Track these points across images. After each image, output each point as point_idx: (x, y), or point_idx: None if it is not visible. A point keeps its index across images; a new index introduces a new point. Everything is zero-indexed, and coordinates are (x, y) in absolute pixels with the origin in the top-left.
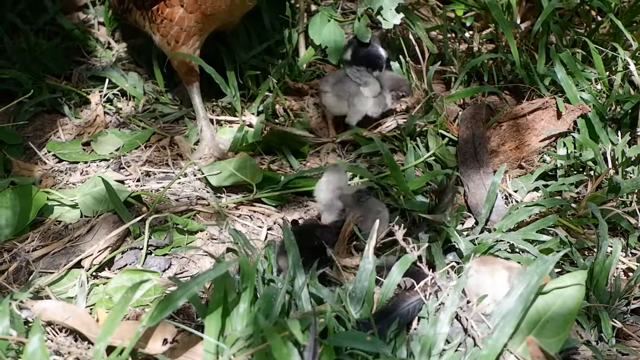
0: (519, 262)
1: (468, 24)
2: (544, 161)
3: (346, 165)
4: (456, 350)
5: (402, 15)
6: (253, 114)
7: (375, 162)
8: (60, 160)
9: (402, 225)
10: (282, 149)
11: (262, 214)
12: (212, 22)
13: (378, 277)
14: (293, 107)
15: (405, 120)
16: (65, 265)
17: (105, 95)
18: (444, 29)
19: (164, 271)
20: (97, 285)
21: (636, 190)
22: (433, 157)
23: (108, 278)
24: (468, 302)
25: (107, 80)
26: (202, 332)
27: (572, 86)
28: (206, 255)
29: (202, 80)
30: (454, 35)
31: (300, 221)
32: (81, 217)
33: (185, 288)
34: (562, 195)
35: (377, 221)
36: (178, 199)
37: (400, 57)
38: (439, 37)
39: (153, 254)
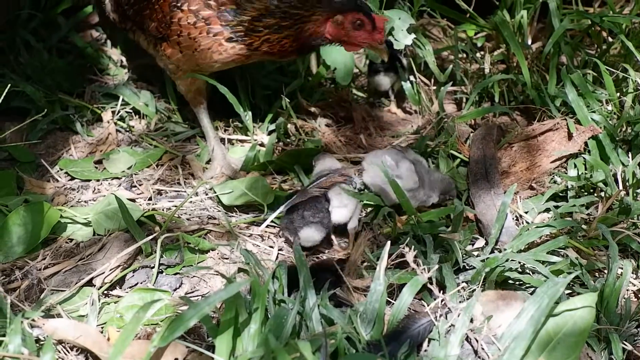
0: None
1: (479, 44)
2: (555, 182)
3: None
4: None
5: (413, 35)
6: (264, 133)
7: None
8: (73, 178)
9: (413, 247)
10: (294, 168)
11: (273, 234)
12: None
13: (389, 299)
14: (305, 127)
15: (416, 140)
16: (76, 283)
17: (118, 112)
18: (455, 50)
19: (175, 290)
20: (109, 304)
21: None
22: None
23: (119, 296)
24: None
25: (120, 98)
26: (213, 352)
27: (583, 107)
28: (217, 274)
29: (214, 98)
30: (465, 55)
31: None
32: (93, 235)
33: (196, 308)
34: (573, 217)
35: (388, 243)
36: (189, 218)
37: (411, 77)
38: (450, 58)
39: (164, 273)
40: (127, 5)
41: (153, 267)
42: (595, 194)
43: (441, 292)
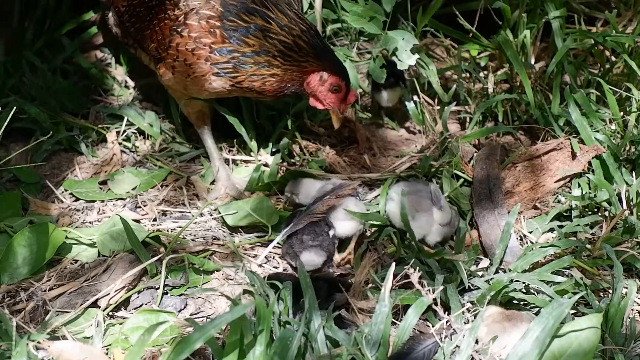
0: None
1: (482, 64)
2: (559, 202)
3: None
4: None
5: (417, 56)
6: (268, 153)
7: None
8: (77, 199)
9: (417, 267)
10: None
11: (278, 255)
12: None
13: (394, 320)
14: (309, 147)
15: (420, 160)
16: (81, 304)
17: (123, 132)
18: (458, 70)
19: (180, 311)
20: (114, 325)
21: None
22: (447, 199)
23: (124, 318)
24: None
25: (125, 118)
26: None
27: (586, 127)
28: (222, 296)
29: (218, 119)
30: (468, 75)
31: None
32: (98, 256)
33: (202, 330)
34: (577, 236)
35: (393, 264)
36: (194, 239)
37: (415, 97)
38: (453, 77)
39: (169, 294)
40: (129, 23)
41: (158, 288)
42: (600, 214)
43: (446, 313)
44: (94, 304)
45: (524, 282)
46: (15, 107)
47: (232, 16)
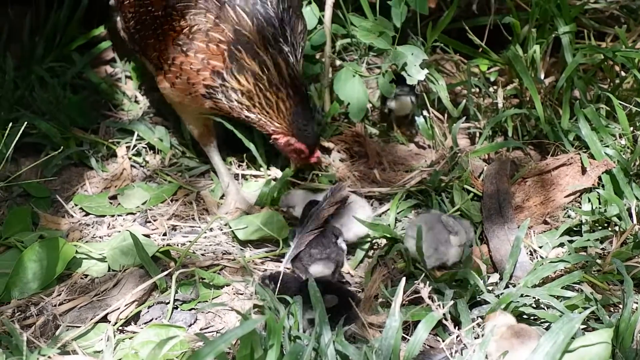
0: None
1: (492, 79)
2: (569, 217)
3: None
4: None
5: (426, 71)
6: (278, 168)
7: (399, 217)
8: (87, 214)
9: (428, 282)
10: None
11: (288, 269)
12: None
13: (404, 335)
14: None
15: (430, 175)
16: (91, 319)
17: (134, 147)
18: (468, 85)
19: (190, 326)
20: (124, 340)
21: None
22: (459, 212)
23: (134, 332)
24: None
25: (134, 133)
26: None
27: (596, 142)
28: (232, 310)
29: (227, 133)
30: (478, 90)
31: None
32: (108, 270)
33: (212, 345)
34: (587, 251)
35: (403, 279)
36: (204, 254)
37: (425, 112)
38: (463, 92)
39: (179, 309)
40: (134, 30)
41: (168, 303)
42: (610, 229)
43: (456, 327)
44: (104, 319)
45: (534, 297)
46: (25, 123)
47: (240, 48)
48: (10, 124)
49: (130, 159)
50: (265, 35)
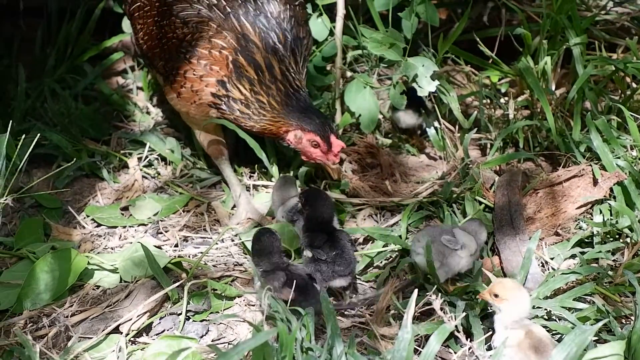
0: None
1: (503, 90)
2: (580, 228)
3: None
4: None
5: (437, 82)
6: None
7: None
8: (99, 225)
9: (439, 294)
10: None
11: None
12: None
13: (416, 347)
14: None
15: (441, 186)
16: (103, 330)
17: (145, 158)
18: (479, 96)
19: (201, 337)
20: (136, 351)
21: None
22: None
23: (146, 344)
24: None
25: (146, 144)
26: None
27: (607, 153)
28: (244, 321)
29: (239, 145)
30: (489, 101)
31: None
32: (120, 282)
33: (224, 357)
34: (599, 263)
35: (415, 291)
36: (216, 265)
37: (436, 123)
38: (474, 104)
39: (191, 320)
40: (142, 41)
41: (180, 314)
42: (621, 240)
43: (468, 339)
44: (116, 330)
45: (545, 309)
46: (38, 135)
47: (241, 56)
48: (23, 136)
49: (141, 170)
50: (266, 42)
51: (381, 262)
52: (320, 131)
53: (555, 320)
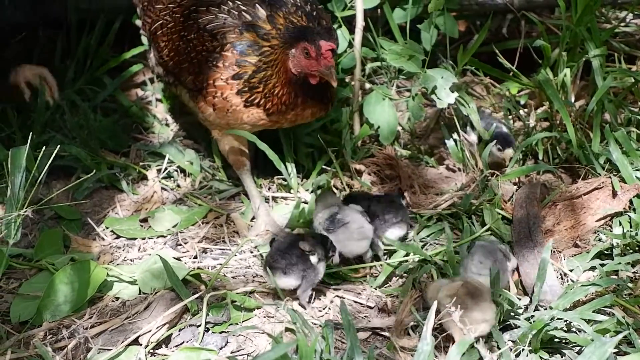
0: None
1: (522, 102)
2: (600, 240)
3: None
4: None
5: (456, 94)
6: (308, 190)
7: (429, 239)
8: (118, 237)
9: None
10: None
11: (319, 292)
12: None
13: (436, 359)
14: (350, 184)
15: (460, 198)
16: (123, 342)
17: (164, 170)
18: (503, 108)
19: (221, 349)
20: None
21: None
22: (489, 232)
23: (166, 355)
24: None
25: (165, 156)
26: None
27: (627, 165)
28: (263, 333)
29: (258, 157)
30: (508, 113)
31: None
32: (139, 293)
33: None
34: (619, 275)
35: (435, 302)
36: (235, 276)
37: (455, 135)
38: (494, 115)
39: (210, 331)
40: (168, 57)
41: (199, 326)
42: None
43: (488, 351)
44: (136, 342)
45: (565, 321)
46: (58, 146)
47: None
48: (43, 148)
49: (160, 182)
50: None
51: (403, 273)
52: (303, 37)
53: (575, 333)
